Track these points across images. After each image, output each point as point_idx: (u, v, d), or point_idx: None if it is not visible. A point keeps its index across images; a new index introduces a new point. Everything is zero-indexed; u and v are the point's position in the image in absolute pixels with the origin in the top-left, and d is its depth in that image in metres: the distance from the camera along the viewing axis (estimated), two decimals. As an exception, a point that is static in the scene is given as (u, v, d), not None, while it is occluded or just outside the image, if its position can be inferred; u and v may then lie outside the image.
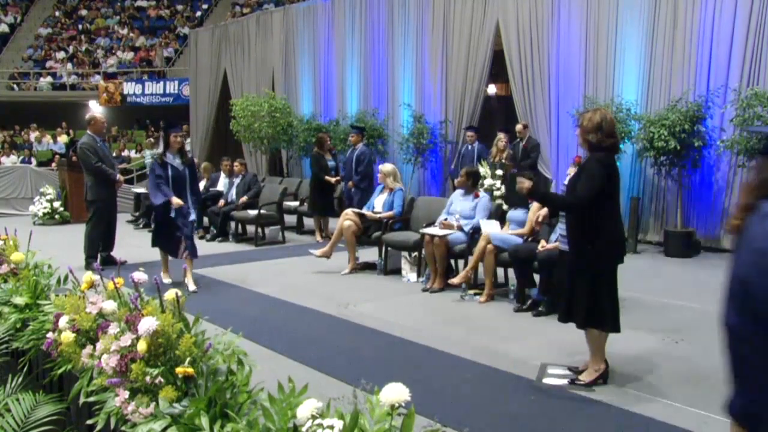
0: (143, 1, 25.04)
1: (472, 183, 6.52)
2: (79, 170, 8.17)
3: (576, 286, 3.77)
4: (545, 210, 4.77)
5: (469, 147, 10.13)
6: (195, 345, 2.59)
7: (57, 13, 24.88)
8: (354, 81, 12.85)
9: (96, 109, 19.67)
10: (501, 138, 9.14)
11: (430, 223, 6.56)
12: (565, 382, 3.87)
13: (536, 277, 5.49)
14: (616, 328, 3.80)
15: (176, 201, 6.21)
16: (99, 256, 7.31)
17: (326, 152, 9.54)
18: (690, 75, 8.19)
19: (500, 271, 6.14)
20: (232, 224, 9.57)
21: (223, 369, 2.56)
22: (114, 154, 17.80)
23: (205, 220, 9.75)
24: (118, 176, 7.51)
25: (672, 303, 5.76)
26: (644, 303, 5.71)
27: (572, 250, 3.82)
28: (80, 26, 24.36)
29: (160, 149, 6.57)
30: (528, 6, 9.82)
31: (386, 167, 7.47)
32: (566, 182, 3.90)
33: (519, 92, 10.07)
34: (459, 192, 6.60)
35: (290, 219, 10.09)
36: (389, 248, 6.99)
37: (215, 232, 9.49)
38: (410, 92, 11.76)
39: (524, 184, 3.88)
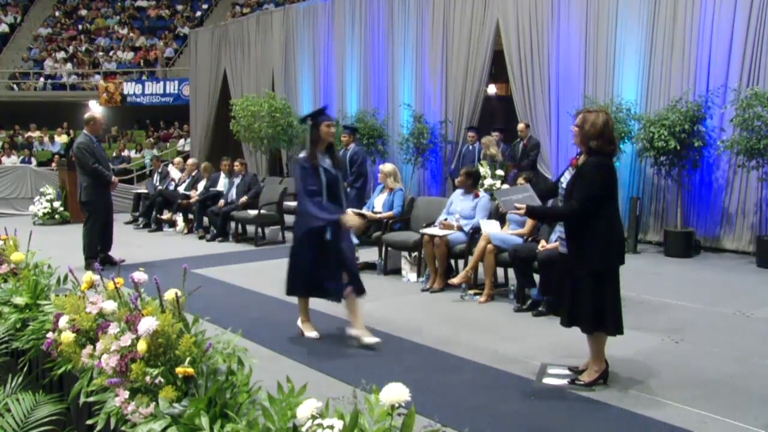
0: (143, 1, 25.04)
1: (472, 183, 6.52)
2: (77, 170, 8.16)
3: (578, 290, 3.74)
4: None
5: (470, 147, 10.14)
6: (195, 345, 2.60)
7: (57, 13, 24.88)
8: (354, 81, 12.85)
9: (96, 109, 19.67)
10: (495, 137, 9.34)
11: (430, 223, 6.56)
12: (565, 382, 3.87)
13: (536, 277, 5.49)
14: (620, 331, 3.79)
15: (351, 219, 4.54)
16: (98, 256, 7.31)
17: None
18: (690, 75, 8.19)
19: (500, 271, 6.14)
20: (232, 224, 9.57)
21: (223, 369, 2.56)
22: (114, 154, 17.85)
23: (205, 220, 9.76)
24: (113, 178, 7.48)
25: (672, 303, 5.76)
26: (644, 303, 5.71)
27: (573, 252, 3.79)
28: (80, 26, 24.36)
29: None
30: (528, 6, 9.82)
31: (387, 167, 7.47)
32: (563, 185, 3.88)
33: (519, 92, 10.07)
34: (459, 192, 6.60)
35: (290, 219, 10.07)
36: (389, 248, 6.98)
37: (215, 232, 9.50)
38: (410, 92, 11.76)
39: (519, 212, 3.87)
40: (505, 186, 8.03)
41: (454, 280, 5.95)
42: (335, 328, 5.09)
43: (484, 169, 8.19)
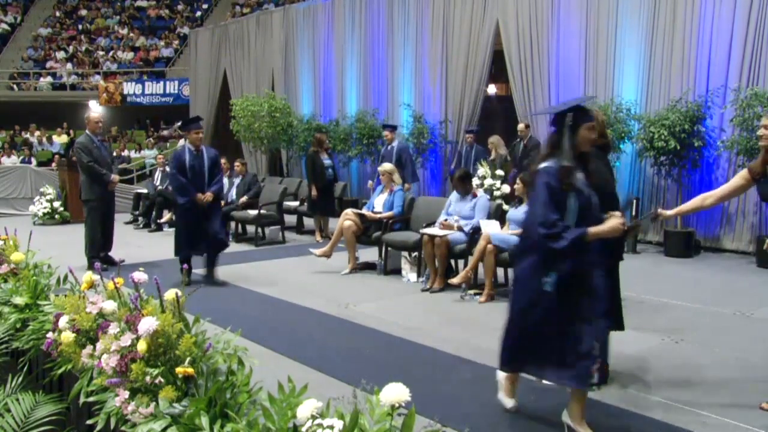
0: (143, 1, 25.04)
1: (466, 185, 6.51)
2: (78, 170, 8.15)
3: None
4: None
5: (468, 148, 10.12)
6: (195, 345, 2.59)
7: (57, 13, 24.86)
8: (354, 81, 12.85)
9: (96, 109, 19.65)
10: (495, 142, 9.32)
11: (430, 223, 6.56)
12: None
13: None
14: (620, 326, 3.80)
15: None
16: (100, 255, 7.29)
17: (323, 151, 9.53)
18: (689, 75, 8.20)
19: (500, 271, 6.14)
20: (232, 224, 9.56)
21: (223, 369, 2.56)
22: (114, 154, 17.80)
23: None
24: (113, 176, 7.34)
25: (672, 303, 5.76)
26: (644, 303, 5.71)
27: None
28: (80, 26, 24.36)
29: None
30: (528, 6, 9.82)
31: (387, 167, 7.47)
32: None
33: (519, 92, 10.07)
34: (456, 194, 6.59)
35: (290, 219, 10.09)
36: (389, 248, 6.98)
37: (215, 232, 9.49)
38: (410, 92, 11.76)
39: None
40: (505, 186, 8.02)
41: (454, 280, 5.95)
42: (328, 324, 5.09)
43: (483, 169, 8.18)
